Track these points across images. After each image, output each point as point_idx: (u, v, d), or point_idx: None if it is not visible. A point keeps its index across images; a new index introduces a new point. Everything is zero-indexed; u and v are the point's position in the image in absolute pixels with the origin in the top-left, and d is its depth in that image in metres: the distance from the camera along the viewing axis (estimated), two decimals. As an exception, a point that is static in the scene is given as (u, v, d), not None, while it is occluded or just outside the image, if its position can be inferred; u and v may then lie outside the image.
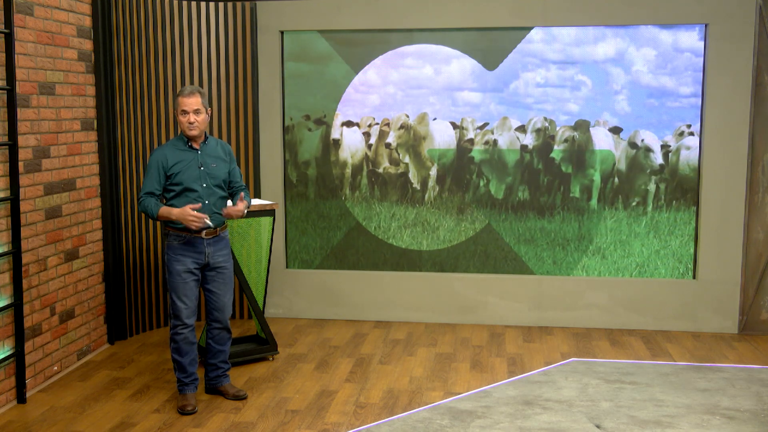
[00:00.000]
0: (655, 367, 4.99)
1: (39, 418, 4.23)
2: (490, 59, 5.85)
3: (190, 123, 4.22)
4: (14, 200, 4.31)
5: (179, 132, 4.36)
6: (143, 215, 5.63)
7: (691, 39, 5.64)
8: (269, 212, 5.09)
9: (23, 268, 4.45)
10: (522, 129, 5.83)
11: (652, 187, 5.79)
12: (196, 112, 4.23)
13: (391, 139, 5.98)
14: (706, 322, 5.78)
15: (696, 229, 5.79)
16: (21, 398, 4.42)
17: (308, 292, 6.17)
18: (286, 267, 6.22)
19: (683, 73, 5.68)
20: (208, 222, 4.17)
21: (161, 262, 5.78)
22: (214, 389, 4.55)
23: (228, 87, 5.93)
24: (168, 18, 5.68)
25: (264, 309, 5.44)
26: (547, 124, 5.81)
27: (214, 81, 5.90)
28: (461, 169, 5.97)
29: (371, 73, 5.97)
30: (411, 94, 5.94)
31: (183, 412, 4.27)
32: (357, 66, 5.98)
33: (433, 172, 5.99)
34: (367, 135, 6.02)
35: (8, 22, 4.22)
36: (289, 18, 5.94)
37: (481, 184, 5.96)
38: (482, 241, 6.01)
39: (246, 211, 4.38)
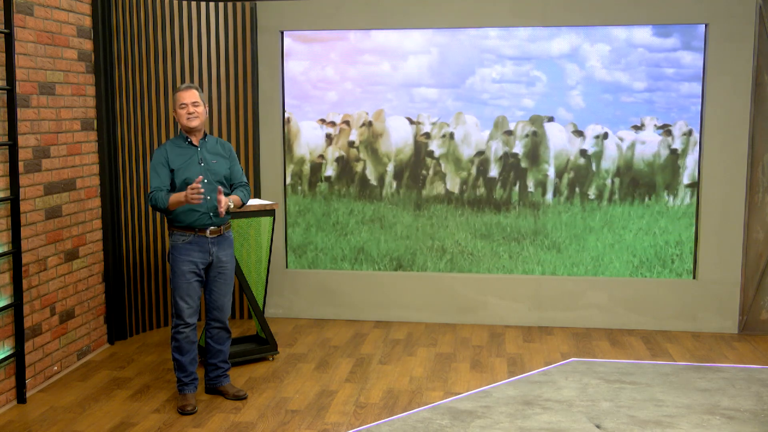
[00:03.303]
0: (655, 367, 4.99)
1: (39, 418, 4.23)
2: (446, 55, 5.86)
3: (189, 113, 4.22)
4: (14, 200, 4.31)
5: (179, 131, 4.36)
6: (142, 215, 5.63)
7: (644, 35, 5.68)
8: (269, 212, 5.09)
9: (23, 268, 4.45)
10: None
11: (606, 181, 5.83)
12: (195, 104, 4.24)
13: (354, 137, 6.00)
14: (706, 322, 5.78)
15: (696, 229, 5.80)
16: (21, 398, 4.42)
17: (308, 292, 6.17)
18: (286, 267, 6.22)
19: (637, 68, 5.72)
20: (199, 193, 4.01)
21: (161, 262, 5.78)
22: (214, 389, 4.55)
23: (228, 87, 5.93)
24: (168, 18, 5.68)
25: (264, 309, 5.44)
26: (511, 127, 5.86)
27: (214, 81, 5.90)
28: (418, 165, 6.00)
29: (329, 69, 5.98)
30: (369, 90, 5.97)
31: (183, 412, 4.27)
32: (315, 62, 5.99)
33: (390, 168, 6.00)
34: (327, 132, 6.05)
35: (8, 22, 4.22)
36: (289, 18, 5.94)
37: (438, 179, 5.98)
38: (439, 236, 6.02)
39: (232, 206, 4.26)
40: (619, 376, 4.79)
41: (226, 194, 4.38)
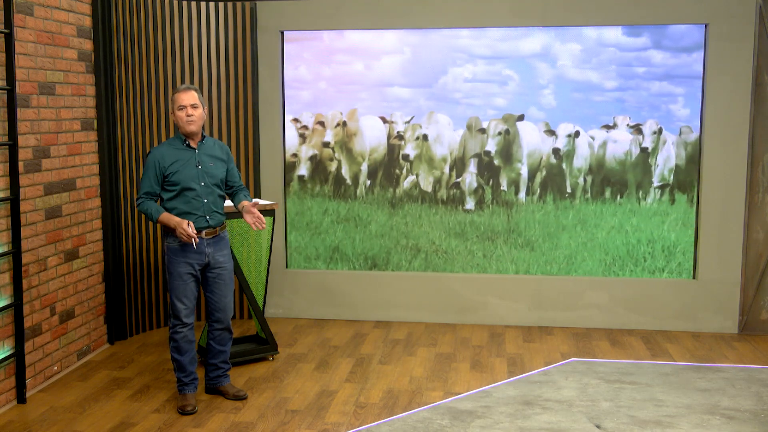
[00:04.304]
0: (655, 367, 4.99)
1: (39, 418, 4.23)
2: (419, 55, 5.89)
3: (188, 116, 4.21)
4: (14, 200, 4.31)
5: (176, 132, 4.36)
6: (142, 215, 5.63)
7: (615, 34, 5.70)
8: (269, 212, 5.09)
9: (23, 268, 4.45)
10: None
11: (578, 180, 5.84)
12: (193, 106, 4.22)
13: (329, 137, 6.01)
14: (706, 322, 5.78)
15: (696, 228, 5.80)
16: (21, 398, 4.42)
17: (308, 292, 6.17)
18: (286, 267, 6.22)
19: (608, 67, 5.74)
20: (195, 242, 4.16)
21: (161, 262, 5.78)
22: (214, 389, 4.55)
23: (228, 87, 5.93)
24: (168, 18, 5.68)
25: (264, 309, 5.44)
26: (484, 125, 5.88)
27: (214, 81, 5.90)
28: (392, 164, 6.02)
29: (303, 69, 6.01)
30: (342, 90, 5.99)
31: (183, 412, 4.27)
32: (288, 62, 6.02)
33: (364, 167, 6.02)
34: (301, 132, 6.07)
35: (8, 22, 4.22)
36: (289, 18, 5.94)
37: (412, 178, 6.01)
38: (413, 235, 6.03)
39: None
40: (619, 376, 4.79)
41: (223, 197, 4.38)
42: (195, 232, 4.14)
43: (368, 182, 6.06)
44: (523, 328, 5.89)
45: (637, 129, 5.76)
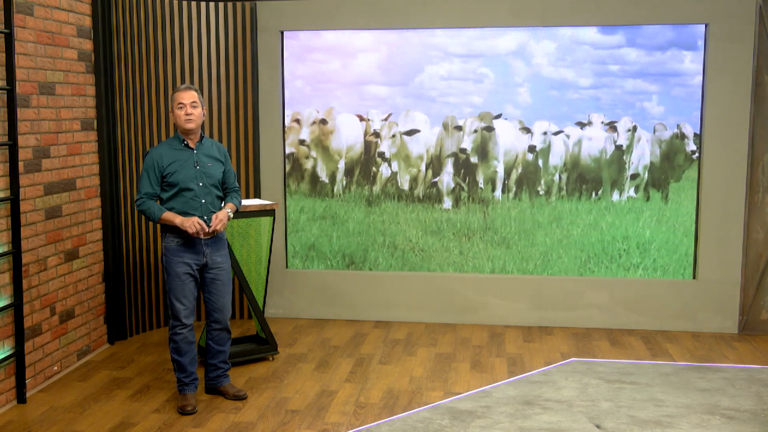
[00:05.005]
0: (655, 367, 4.99)
1: (39, 418, 4.23)
2: (395, 53, 5.91)
3: (188, 115, 4.21)
4: (14, 200, 4.31)
5: (175, 132, 4.36)
6: (142, 215, 5.63)
7: (589, 32, 5.72)
8: (269, 212, 5.09)
9: (23, 268, 4.45)
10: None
11: (554, 177, 5.87)
12: (193, 105, 4.23)
13: (305, 135, 6.04)
14: (706, 322, 5.79)
15: (696, 228, 5.80)
16: (21, 398, 4.42)
17: (308, 292, 6.17)
18: (286, 267, 6.22)
19: (582, 65, 5.75)
20: (205, 228, 4.19)
21: (161, 262, 5.78)
22: (214, 389, 4.55)
23: (228, 87, 5.93)
24: (168, 18, 5.68)
25: (264, 309, 5.44)
26: (461, 123, 5.91)
27: (214, 81, 5.90)
28: (368, 162, 6.04)
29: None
30: (319, 88, 6.01)
31: (183, 412, 4.27)
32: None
33: (341, 165, 6.03)
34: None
35: (8, 22, 4.22)
36: (289, 18, 5.94)
37: (389, 176, 6.03)
38: (390, 232, 6.05)
39: (231, 216, 4.36)
40: (619, 376, 4.79)
41: (220, 197, 4.38)
42: (202, 226, 4.17)
43: (345, 180, 6.07)
44: (523, 328, 5.89)
45: (612, 126, 5.78)
